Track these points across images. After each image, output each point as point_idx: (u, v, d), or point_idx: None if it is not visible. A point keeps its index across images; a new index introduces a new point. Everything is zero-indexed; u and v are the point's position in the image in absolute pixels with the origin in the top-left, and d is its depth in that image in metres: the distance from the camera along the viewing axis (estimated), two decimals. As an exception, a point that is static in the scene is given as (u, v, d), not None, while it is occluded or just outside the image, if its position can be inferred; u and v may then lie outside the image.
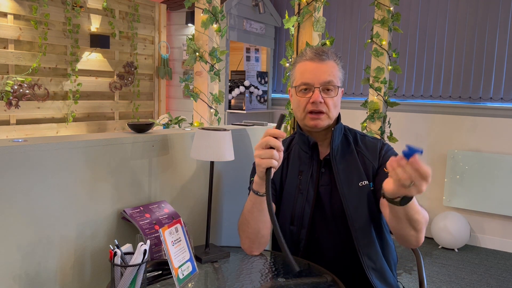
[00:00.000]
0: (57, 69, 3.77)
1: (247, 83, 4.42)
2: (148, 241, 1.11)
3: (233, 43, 4.54)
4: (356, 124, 3.20)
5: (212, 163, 1.42)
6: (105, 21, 4.12)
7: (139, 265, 1.05)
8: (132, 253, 1.08)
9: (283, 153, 1.21)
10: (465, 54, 3.92)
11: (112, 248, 1.06)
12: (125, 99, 4.42)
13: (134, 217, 1.29)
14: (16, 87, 3.44)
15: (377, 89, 3.10)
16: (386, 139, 3.16)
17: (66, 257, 1.19)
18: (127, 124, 1.42)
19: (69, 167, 1.18)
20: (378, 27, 3.07)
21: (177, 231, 1.19)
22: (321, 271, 1.32)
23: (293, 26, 2.37)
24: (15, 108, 3.46)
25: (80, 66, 3.93)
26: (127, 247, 1.11)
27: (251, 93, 4.50)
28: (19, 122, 3.54)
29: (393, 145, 1.68)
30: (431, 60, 4.07)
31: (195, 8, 2.37)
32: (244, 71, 4.45)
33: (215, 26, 2.36)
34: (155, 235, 1.28)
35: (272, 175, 1.19)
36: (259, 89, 4.62)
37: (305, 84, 1.38)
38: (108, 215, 1.29)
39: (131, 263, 1.05)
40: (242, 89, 4.40)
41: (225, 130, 1.39)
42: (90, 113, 4.09)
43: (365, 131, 3.14)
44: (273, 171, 1.20)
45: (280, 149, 1.18)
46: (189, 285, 1.18)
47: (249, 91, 4.46)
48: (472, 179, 3.84)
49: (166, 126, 2.51)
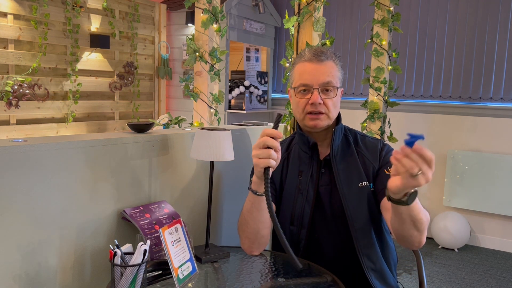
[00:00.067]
0: (57, 69, 3.77)
1: (247, 83, 4.42)
2: (148, 241, 1.11)
3: (233, 43, 4.53)
4: (356, 124, 3.20)
5: (212, 163, 1.42)
6: (105, 21, 4.12)
7: (139, 265, 1.05)
8: (132, 253, 1.08)
9: (282, 153, 1.21)
10: (465, 54, 3.92)
11: (112, 248, 1.06)
12: (125, 99, 4.42)
13: (134, 217, 1.29)
14: (16, 87, 3.44)
15: (377, 89, 3.10)
16: (386, 139, 3.15)
17: (66, 257, 1.19)
18: (127, 124, 1.42)
19: (69, 167, 1.18)
20: (378, 27, 3.07)
21: (177, 231, 1.19)
22: (321, 271, 1.32)
23: (293, 26, 2.37)
24: (15, 108, 3.46)
25: (80, 66, 3.93)
26: (127, 247, 1.11)
27: (251, 93, 4.50)
28: (19, 122, 3.54)
29: (393, 145, 1.68)
30: (431, 60, 4.07)
31: (195, 8, 2.37)
32: (244, 71, 4.45)
33: (215, 26, 2.36)
34: (155, 235, 1.28)
35: (270, 175, 1.19)
36: (259, 89, 4.62)
37: (304, 85, 1.38)
38: (108, 215, 1.29)
39: (131, 263, 1.05)
40: (242, 89, 4.40)
41: (225, 130, 1.39)
42: (90, 113, 4.09)
43: (365, 131, 3.14)
44: (271, 171, 1.20)
45: (277, 149, 1.18)
46: (189, 285, 1.18)
47: (249, 91, 4.46)
48: (472, 179, 3.84)
49: (166, 126, 2.51)
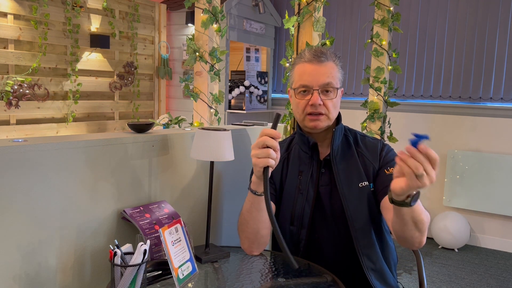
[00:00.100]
0: (57, 69, 3.77)
1: (247, 83, 4.42)
2: (148, 241, 1.11)
3: (233, 43, 4.53)
4: (356, 124, 3.20)
5: (212, 163, 1.42)
6: (105, 21, 4.12)
7: (139, 265, 1.05)
8: (132, 253, 1.08)
9: (282, 153, 1.21)
10: (465, 54, 3.92)
11: (112, 248, 1.06)
12: (125, 99, 4.42)
13: (134, 217, 1.29)
14: (16, 87, 3.44)
15: (377, 89, 3.10)
16: (386, 139, 3.15)
17: (66, 257, 1.19)
18: (127, 124, 1.42)
19: (69, 167, 1.18)
20: (378, 27, 3.07)
21: (177, 231, 1.19)
22: (321, 271, 1.32)
23: (293, 26, 2.37)
24: (15, 108, 3.46)
25: (80, 66, 3.93)
26: (127, 247, 1.11)
27: (251, 93, 4.50)
28: (19, 122, 3.54)
29: (393, 145, 1.68)
30: (431, 60, 4.07)
31: (195, 8, 2.37)
32: (244, 71, 4.45)
33: (215, 26, 2.36)
34: (155, 235, 1.28)
35: (269, 174, 1.19)
36: (259, 89, 4.62)
37: (304, 86, 1.38)
38: (108, 215, 1.29)
39: (131, 263, 1.05)
40: (242, 89, 4.40)
41: (225, 130, 1.39)
42: (90, 113, 4.09)
43: (365, 131, 3.14)
44: (271, 171, 1.20)
45: (276, 149, 1.18)
46: (189, 285, 1.18)
47: (249, 91, 4.46)
48: (472, 179, 3.84)
49: (166, 126, 2.51)
